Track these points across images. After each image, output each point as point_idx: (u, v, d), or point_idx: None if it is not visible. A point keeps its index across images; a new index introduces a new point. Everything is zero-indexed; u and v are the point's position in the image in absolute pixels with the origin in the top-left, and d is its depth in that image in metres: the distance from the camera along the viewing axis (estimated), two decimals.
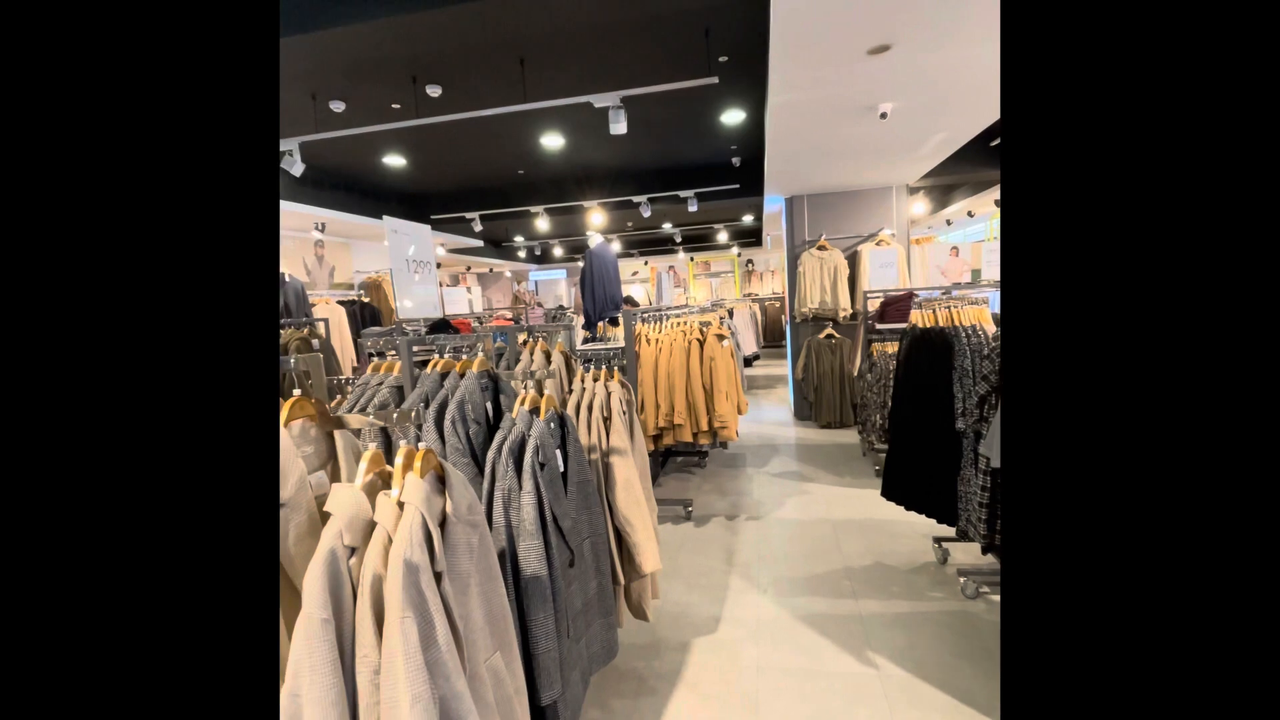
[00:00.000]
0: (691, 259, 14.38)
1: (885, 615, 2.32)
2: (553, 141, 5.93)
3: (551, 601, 1.28)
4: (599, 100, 3.55)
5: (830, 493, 3.74)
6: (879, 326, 4.02)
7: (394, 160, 6.22)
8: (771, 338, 11.93)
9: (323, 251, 7.09)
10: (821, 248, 5.47)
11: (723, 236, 12.33)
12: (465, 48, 3.63)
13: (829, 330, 5.42)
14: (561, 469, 1.47)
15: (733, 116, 5.45)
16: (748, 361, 8.78)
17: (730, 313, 6.98)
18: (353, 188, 6.85)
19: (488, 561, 1.01)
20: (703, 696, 1.93)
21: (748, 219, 10.33)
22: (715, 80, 3.51)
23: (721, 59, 4.09)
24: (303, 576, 0.80)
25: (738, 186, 7.18)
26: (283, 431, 0.89)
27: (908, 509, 2.49)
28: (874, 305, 4.31)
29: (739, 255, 14.18)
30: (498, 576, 1.04)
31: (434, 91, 4.28)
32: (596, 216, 8.11)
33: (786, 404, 6.71)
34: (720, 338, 3.51)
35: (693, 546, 3.08)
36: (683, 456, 4.69)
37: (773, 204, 6.36)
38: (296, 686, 0.76)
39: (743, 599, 2.52)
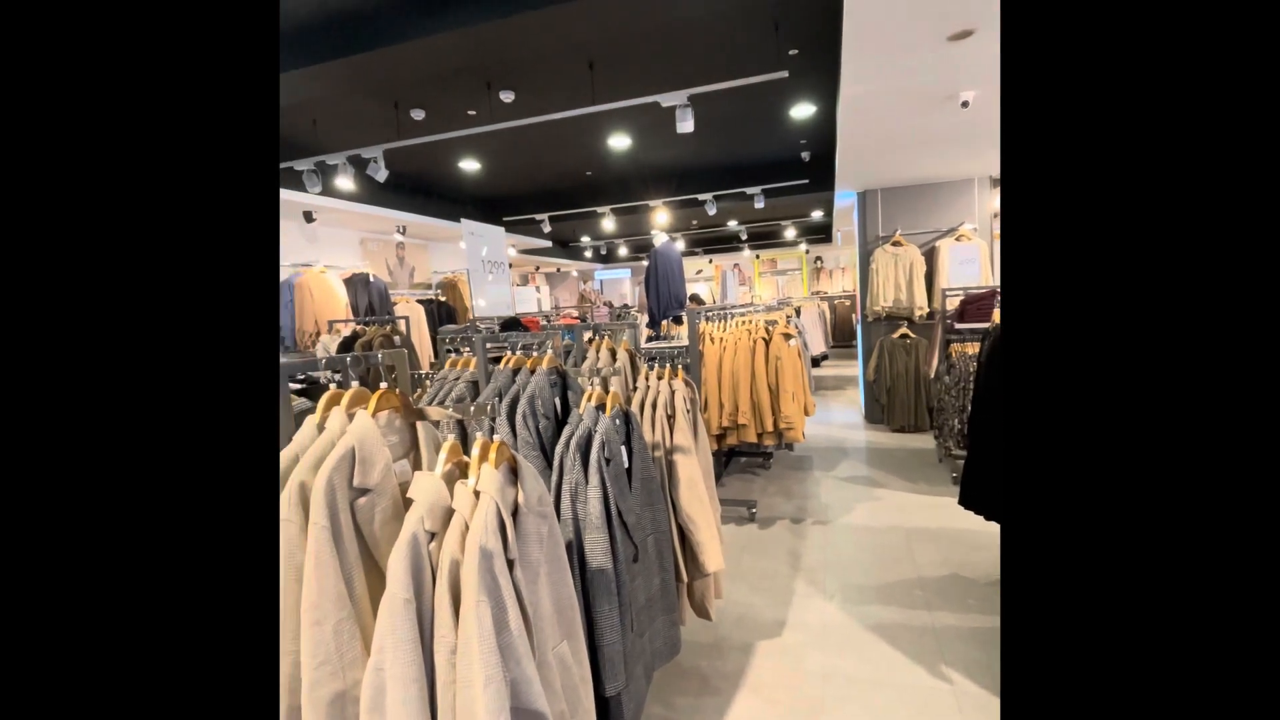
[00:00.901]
0: (757, 256, 14.14)
1: (961, 629, 2.21)
2: (620, 142, 6.00)
3: (616, 595, 1.30)
4: (666, 99, 3.56)
5: (903, 499, 3.59)
6: (958, 326, 3.81)
7: (469, 165, 6.47)
8: (841, 337, 11.55)
9: (403, 253, 7.48)
10: (896, 243, 5.24)
11: (790, 233, 12.04)
12: (537, 53, 3.73)
13: (903, 330, 5.19)
14: (626, 465, 1.49)
15: (802, 110, 5.31)
16: (816, 361, 8.54)
17: (797, 311, 6.82)
18: (431, 192, 7.19)
19: (556, 552, 1.04)
20: (766, 700, 1.91)
21: (817, 215, 10.05)
22: (785, 74, 3.44)
23: (791, 52, 4.00)
24: (387, 558, 0.85)
25: (807, 182, 7.00)
26: (370, 421, 0.96)
27: (988, 519, 2.35)
28: (953, 304, 4.09)
29: (807, 252, 13.81)
30: (566, 567, 1.07)
31: (507, 97, 4.42)
32: (661, 215, 8.13)
33: (857, 406, 6.49)
34: (787, 336, 3.44)
35: (756, 548, 3.04)
36: (746, 457, 4.63)
37: (844, 199, 6.16)
38: (381, 661, 0.81)
39: (808, 604, 2.47)
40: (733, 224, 10.88)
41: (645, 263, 5.75)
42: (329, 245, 6.39)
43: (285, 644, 0.88)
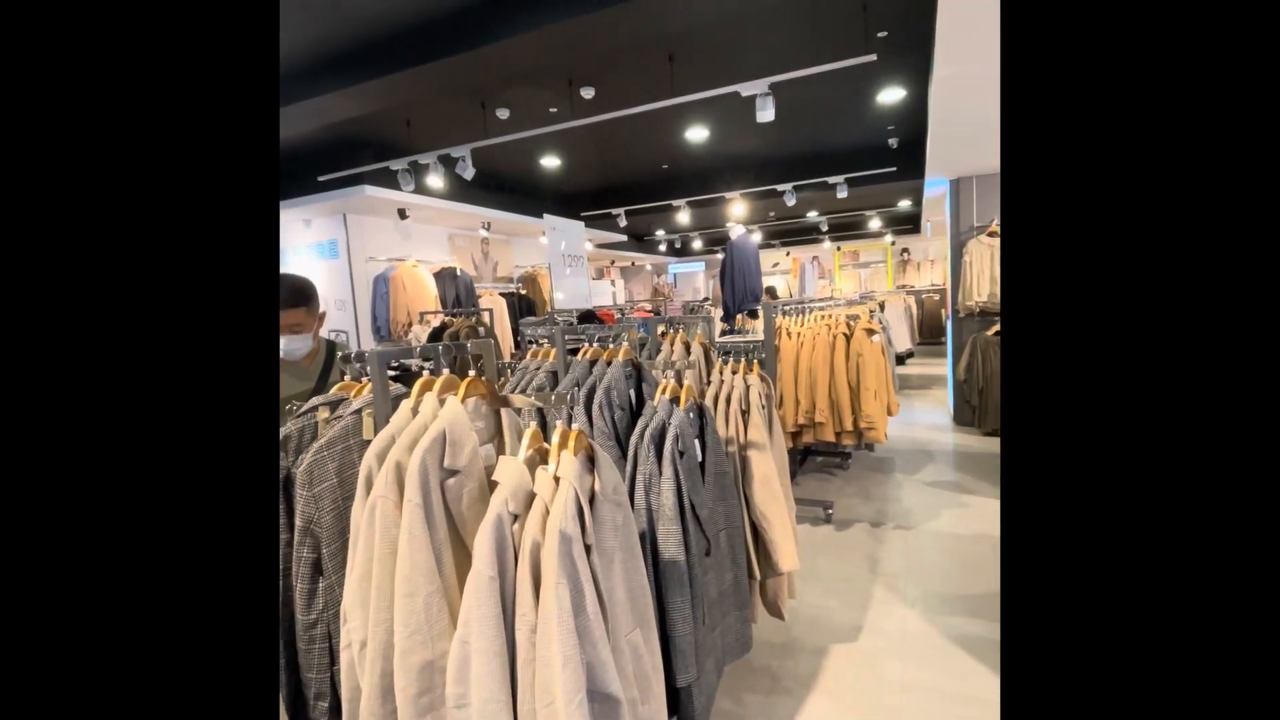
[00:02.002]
0: (839, 249, 13.63)
1: None
2: (697, 134, 5.95)
3: (688, 587, 1.31)
4: (746, 89, 3.49)
5: (993, 506, 3.36)
6: None
7: (550, 161, 6.64)
8: (928, 334, 10.94)
9: (488, 248, 7.80)
10: (993, 234, 4.89)
11: (875, 224, 11.50)
12: (617, 48, 3.76)
13: (998, 326, 4.85)
14: (700, 459, 1.49)
15: (891, 95, 5.05)
16: (900, 359, 8.14)
17: (881, 306, 6.52)
18: (514, 189, 7.44)
19: (630, 540, 1.06)
20: (841, 705, 1.86)
21: (904, 204, 9.55)
22: (873, 57, 3.28)
23: (880, 34, 3.81)
24: (473, 537, 0.90)
25: (894, 169, 6.66)
26: (460, 406, 1.01)
27: None
28: None
29: (893, 244, 13.15)
30: (639, 556, 1.08)
31: (587, 93, 4.49)
32: (738, 207, 8.00)
33: (945, 407, 6.14)
34: (869, 332, 3.30)
35: (832, 550, 2.95)
36: (823, 456, 4.50)
37: (935, 187, 5.81)
38: (466, 634, 0.86)
39: (887, 610, 2.37)
40: (813, 215, 10.54)
41: (720, 256, 5.68)
42: (420, 241, 6.77)
43: (381, 613, 0.95)
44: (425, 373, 1.14)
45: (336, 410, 1.24)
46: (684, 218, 8.43)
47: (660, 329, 2.42)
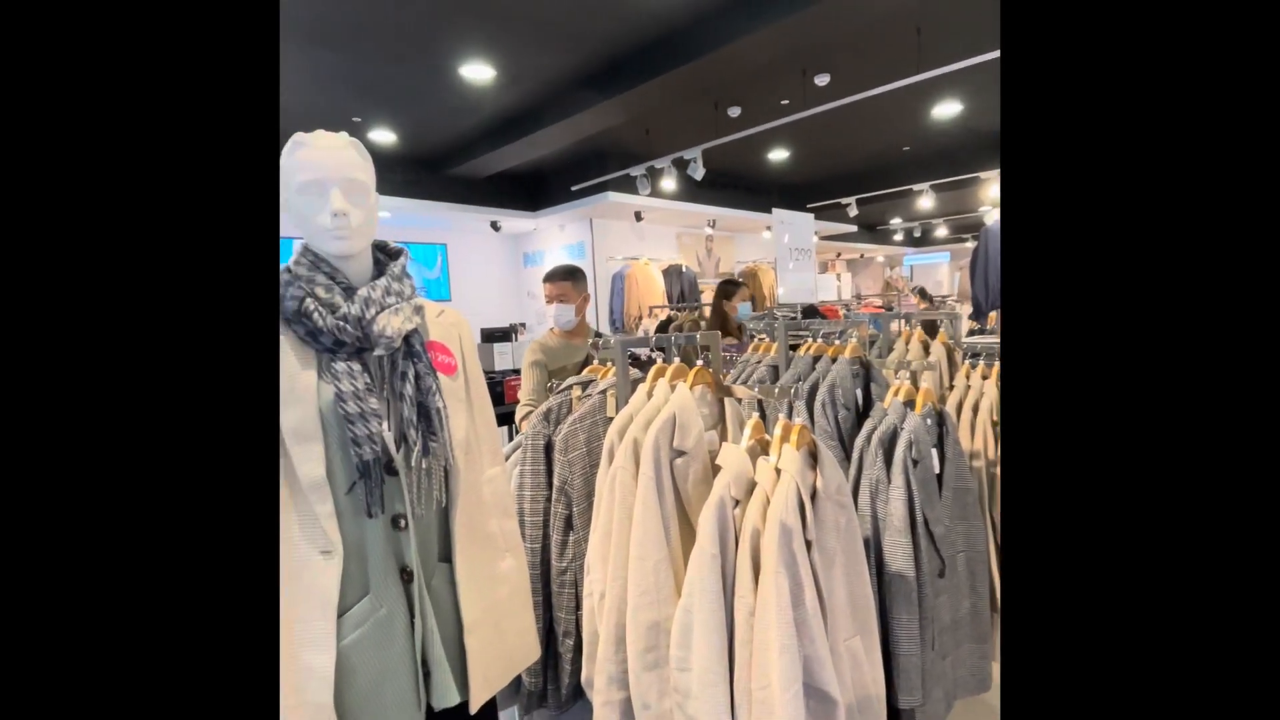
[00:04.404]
0: None
1: None
2: (946, 110, 5.32)
3: (917, 605, 1.21)
4: None
5: None
6: None
7: (777, 154, 6.56)
8: None
9: (711, 245, 8.03)
10: None
11: None
12: (858, 30, 3.55)
13: None
14: (937, 470, 1.36)
15: None
16: None
17: None
18: (739, 185, 7.52)
19: (853, 545, 1.03)
20: None
21: None
22: None
23: None
24: (697, 514, 0.96)
25: None
26: (689, 392, 1.09)
27: None
28: None
29: None
30: (862, 562, 1.04)
31: (822, 81, 4.33)
32: (995, 188, 6.93)
33: None
34: None
35: None
36: None
37: None
38: (690, 604, 0.93)
39: None
40: None
41: (970, 244, 5.01)
42: (652, 240, 7.26)
43: (617, 570, 1.08)
44: (658, 360, 1.24)
45: (587, 389, 1.42)
46: (926, 203, 7.59)
47: (894, 326, 2.25)
